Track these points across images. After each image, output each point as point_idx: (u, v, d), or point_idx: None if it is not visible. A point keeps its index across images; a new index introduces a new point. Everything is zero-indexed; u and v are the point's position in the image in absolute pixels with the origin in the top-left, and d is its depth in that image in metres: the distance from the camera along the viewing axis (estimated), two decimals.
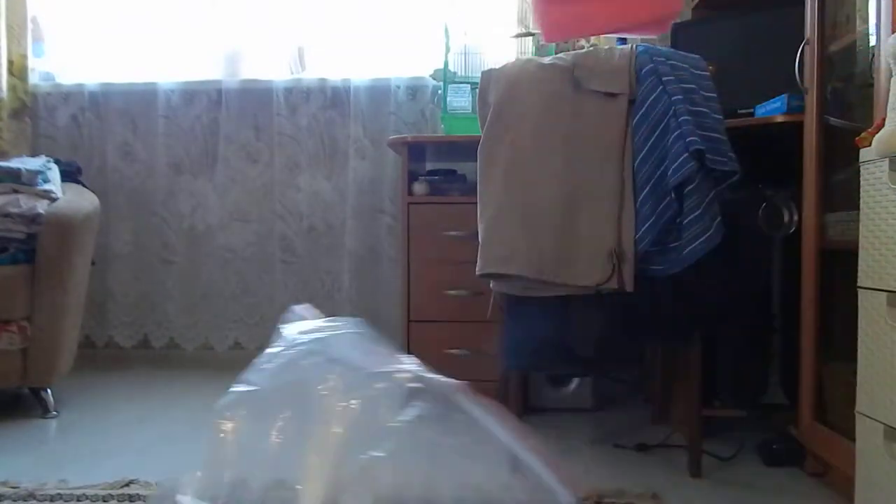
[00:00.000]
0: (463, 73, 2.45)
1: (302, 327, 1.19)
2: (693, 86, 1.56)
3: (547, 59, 1.65)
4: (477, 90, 1.73)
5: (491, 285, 1.72)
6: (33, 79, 2.97)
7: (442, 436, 1.03)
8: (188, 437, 1.94)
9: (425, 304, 2.23)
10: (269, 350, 1.15)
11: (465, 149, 2.15)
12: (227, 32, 2.94)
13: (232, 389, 1.10)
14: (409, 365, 1.12)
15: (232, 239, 2.91)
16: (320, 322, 1.22)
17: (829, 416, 1.62)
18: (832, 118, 1.66)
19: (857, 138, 1.37)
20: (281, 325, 1.21)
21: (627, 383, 2.31)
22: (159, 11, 2.97)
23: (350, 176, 2.83)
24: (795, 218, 1.80)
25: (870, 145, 1.27)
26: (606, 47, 1.64)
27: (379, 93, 2.83)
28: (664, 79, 1.54)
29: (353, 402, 1.03)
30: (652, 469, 1.74)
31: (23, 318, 2.11)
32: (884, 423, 1.25)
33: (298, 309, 1.26)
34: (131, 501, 1.50)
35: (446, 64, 2.41)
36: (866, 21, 1.56)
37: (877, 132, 1.24)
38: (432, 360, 2.44)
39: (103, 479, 1.60)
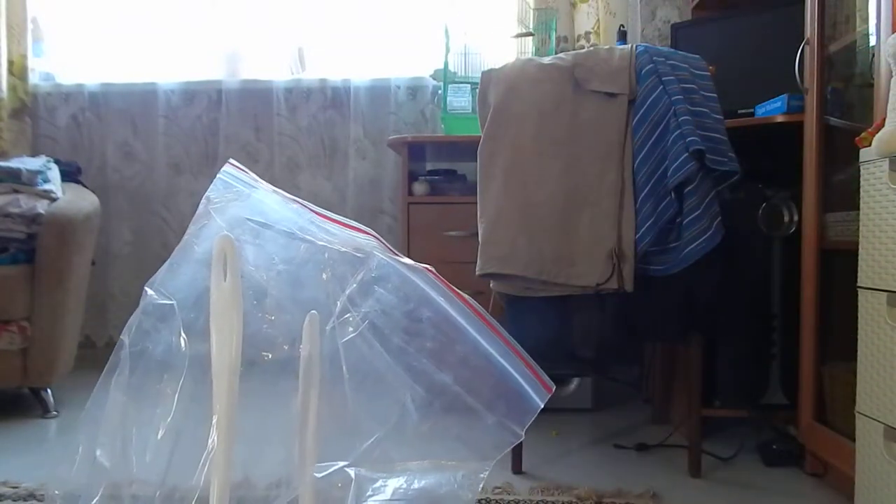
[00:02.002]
0: (463, 73, 2.45)
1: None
2: (693, 86, 1.56)
3: (547, 59, 1.65)
4: (477, 90, 1.73)
5: (491, 285, 1.72)
6: (33, 79, 2.96)
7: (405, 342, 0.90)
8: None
9: None
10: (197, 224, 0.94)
11: (465, 149, 2.14)
12: (227, 32, 2.94)
13: (145, 295, 0.93)
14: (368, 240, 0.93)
15: None
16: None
17: (829, 416, 1.62)
18: (832, 118, 1.66)
19: (857, 138, 1.37)
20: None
21: (627, 383, 2.30)
22: (159, 11, 2.97)
23: (350, 176, 2.83)
24: (795, 218, 1.80)
25: (870, 145, 1.27)
26: (606, 47, 1.64)
27: (379, 93, 2.83)
28: (664, 79, 1.54)
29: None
30: (652, 469, 1.74)
31: (23, 318, 2.11)
32: (884, 423, 1.25)
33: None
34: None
35: (446, 64, 2.41)
36: (866, 21, 1.56)
37: (877, 132, 1.25)
38: None
39: None
